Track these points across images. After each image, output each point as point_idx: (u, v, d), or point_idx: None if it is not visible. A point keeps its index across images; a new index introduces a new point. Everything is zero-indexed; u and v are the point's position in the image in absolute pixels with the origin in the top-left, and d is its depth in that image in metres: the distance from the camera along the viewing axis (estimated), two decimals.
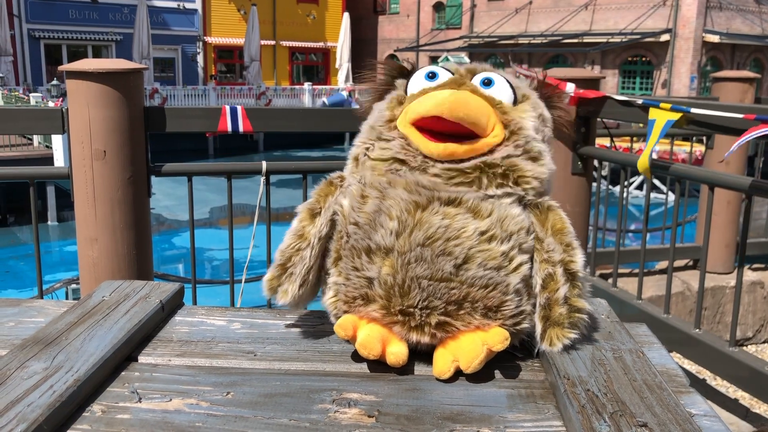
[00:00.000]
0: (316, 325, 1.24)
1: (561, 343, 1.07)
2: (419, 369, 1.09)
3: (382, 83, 1.28)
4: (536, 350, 1.11)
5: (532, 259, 1.11)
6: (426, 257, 1.05)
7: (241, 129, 2.91)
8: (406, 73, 1.27)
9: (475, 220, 1.07)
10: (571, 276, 1.09)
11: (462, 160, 1.10)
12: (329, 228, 1.16)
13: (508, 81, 1.20)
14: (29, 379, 0.95)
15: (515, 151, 1.12)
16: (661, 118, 3.10)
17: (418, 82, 1.21)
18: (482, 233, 1.07)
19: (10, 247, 13.06)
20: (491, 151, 1.11)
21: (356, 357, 1.11)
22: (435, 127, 1.10)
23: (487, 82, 1.18)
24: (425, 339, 1.08)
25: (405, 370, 1.07)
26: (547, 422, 0.94)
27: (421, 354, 1.10)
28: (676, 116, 3.04)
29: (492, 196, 1.10)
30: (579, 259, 1.11)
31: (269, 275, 1.17)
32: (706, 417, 0.95)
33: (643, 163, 3.12)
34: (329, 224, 1.16)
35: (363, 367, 1.09)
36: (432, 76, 1.20)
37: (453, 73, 1.21)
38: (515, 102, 1.19)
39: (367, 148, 1.18)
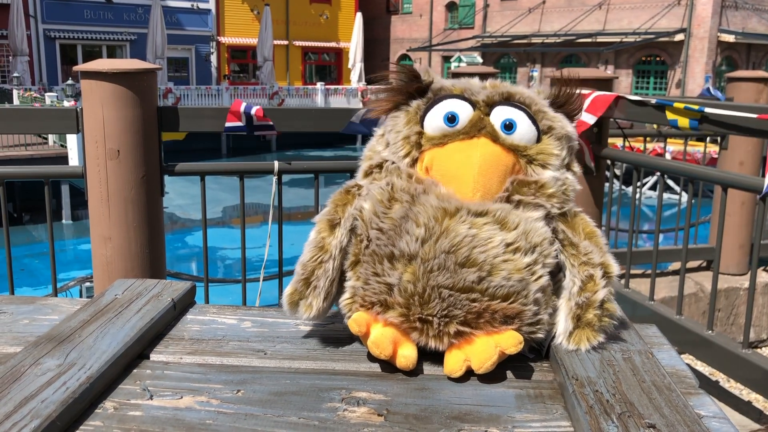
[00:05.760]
0: (326, 325, 1.24)
1: (588, 345, 1.08)
2: (428, 368, 1.09)
3: (395, 96, 1.22)
4: (545, 350, 1.12)
5: (550, 270, 1.11)
6: (449, 266, 1.05)
7: (252, 111, 2.90)
8: (422, 89, 1.21)
9: (502, 231, 1.07)
10: (608, 278, 1.11)
11: None
12: (349, 237, 1.15)
13: (529, 115, 1.16)
14: (43, 376, 0.97)
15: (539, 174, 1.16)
16: (682, 119, 3.08)
17: (436, 121, 1.17)
18: (508, 245, 1.06)
19: (25, 245, 13.18)
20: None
21: (366, 356, 1.12)
22: None
23: (509, 126, 1.15)
24: (442, 347, 1.08)
25: (414, 369, 1.07)
26: (555, 422, 0.94)
27: (431, 353, 1.10)
28: (697, 116, 3.02)
29: (518, 206, 1.11)
30: (614, 262, 1.12)
31: (290, 289, 1.16)
32: (715, 419, 0.95)
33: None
34: (348, 234, 1.15)
35: (372, 367, 1.10)
36: (452, 119, 1.16)
37: (472, 105, 1.17)
38: (539, 136, 1.17)
39: (393, 162, 1.18)
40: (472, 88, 1.20)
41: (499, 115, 1.16)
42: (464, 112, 1.16)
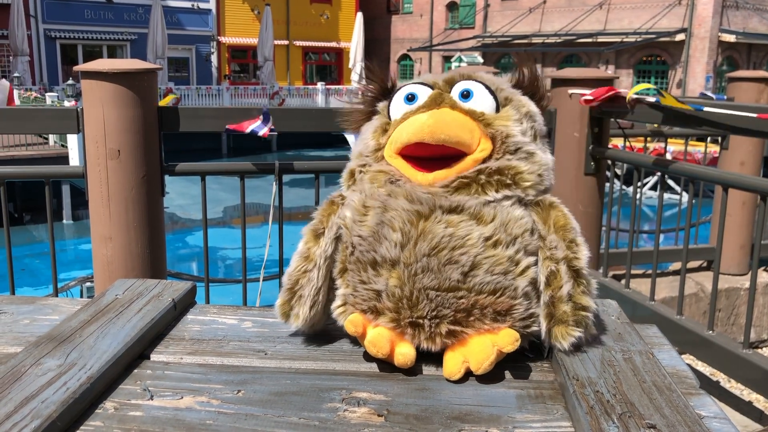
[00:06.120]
0: (326, 325, 1.24)
1: (568, 341, 1.07)
2: (428, 369, 1.09)
3: (365, 106, 1.28)
4: (546, 351, 1.12)
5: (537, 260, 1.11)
6: (432, 267, 1.05)
7: (261, 133, 2.89)
8: (388, 92, 1.25)
9: (479, 226, 1.07)
10: (575, 273, 1.09)
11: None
12: (334, 246, 1.16)
13: (487, 87, 1.18)
14: (43, 376, 0.97)
15: (506, 158, 1.12)
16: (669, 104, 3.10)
17: (398, 106, 1.20)
18: (487, 239, 1.06)
19: (26, 245, 13.18)
20: (483, 162, 1.12)
21: (366, 357, 1.12)
22: (421, 153, 1.11)
23: (466, 95, 1.17)
24: (436, 348, 1.08)
25: (414, 370, 1.08)
26: (555, 423, 0.94)
27: (430, 354, 1.10)
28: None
29: (493, 201, 1.09)
30: (583, 255, 1.10)
31: (280, 300, 1.18)
32: (716, 419, 0.95)
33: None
34: (334, 243, 1.16)
35: (372, 367, 1.10)
36: (411, 98, 1.19)
37: (432, 87, 1.19)
38: (498, 107, 1.17)
39: (363, 166, 1.19)
40: (434, 77, 1.23)
41: (458, 88, 1.18)
42: (424, 92, 1.19)
